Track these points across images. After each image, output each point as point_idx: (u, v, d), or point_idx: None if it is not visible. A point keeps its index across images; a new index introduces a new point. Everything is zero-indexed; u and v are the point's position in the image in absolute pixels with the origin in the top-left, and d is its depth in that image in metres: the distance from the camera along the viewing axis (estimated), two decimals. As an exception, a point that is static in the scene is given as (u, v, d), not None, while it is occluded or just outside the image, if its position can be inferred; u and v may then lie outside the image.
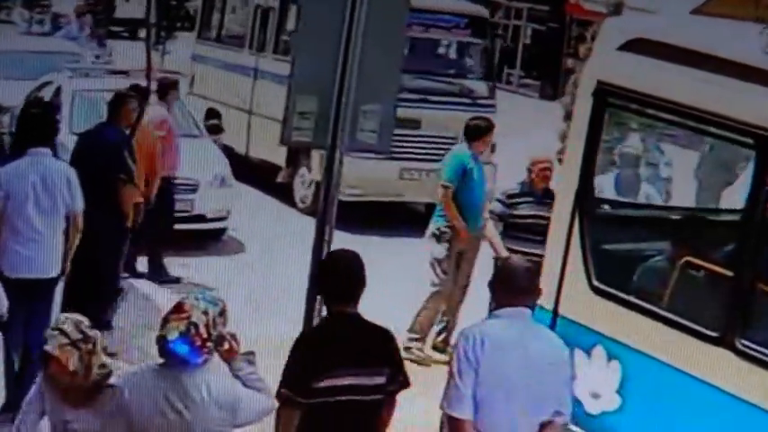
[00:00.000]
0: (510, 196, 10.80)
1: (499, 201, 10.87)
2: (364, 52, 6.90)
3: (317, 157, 16.00)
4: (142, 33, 28.32)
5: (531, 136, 17.61)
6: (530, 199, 10.69)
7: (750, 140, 6.79)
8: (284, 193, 17.18)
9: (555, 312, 7.78)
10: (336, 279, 6.07)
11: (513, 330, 6.00)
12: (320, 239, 6.96)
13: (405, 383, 6.17)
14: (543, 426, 6.04)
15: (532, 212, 10.57)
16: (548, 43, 34.71)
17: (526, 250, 10.23)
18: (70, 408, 5.85)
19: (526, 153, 11.43)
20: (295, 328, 6.77)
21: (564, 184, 8.03)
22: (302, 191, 17.10)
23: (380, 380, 6.04)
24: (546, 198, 10.42)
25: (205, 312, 5.68)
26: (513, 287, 6.07)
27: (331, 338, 5.99)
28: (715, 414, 6.75)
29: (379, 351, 6.09)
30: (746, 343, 6.66)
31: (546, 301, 7.85)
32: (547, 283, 7.90)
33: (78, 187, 9.01)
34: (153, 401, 5.65)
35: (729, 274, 6.91)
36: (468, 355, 5.91)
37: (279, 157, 17.06)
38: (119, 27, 32.03)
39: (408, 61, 16.99)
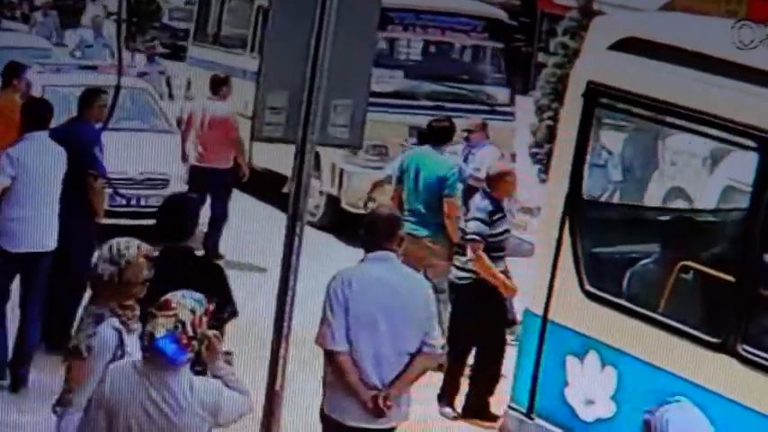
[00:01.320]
0: (491, 213, 9.71)
1: (480, 220, 9.71)
2: (335, 46, 6.84)
3: (327, 166, 15.50)
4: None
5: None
6: (501, 214, 9.86)
7: (753, 143, 6.66)
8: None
9: (545, 318, 7.63)
10: (170, 218, 6.96)
11: (377, 271, 6.80)
12: (291, 235, 6.91)
13: (234, 313, 6.83)
14: (413, 356, 6.75)
15: (506, 227, 9.98)
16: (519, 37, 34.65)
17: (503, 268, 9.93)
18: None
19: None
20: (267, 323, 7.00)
21: (553, 187, 7.88)
22: (312, 203, 16.23)
23: (210, 307, 6.35)
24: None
25: (192, 311, 5.61)
26: (377, 234, 6.86)
27: (164, 272, 6.15)
28: (715, 421, 6.64)
29: (208, 282, 6.54)
30: (749, 349, 6.57)
31: (536, 305, 7.74)
32: (537, 287, 7.78)
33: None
34: (135, 398, 5.58)
35: (730, 278, 6.79)
36: (338, 295, 6.71)
37: (285, 166, 16.10)
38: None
39: (423, 66, 16.75)
